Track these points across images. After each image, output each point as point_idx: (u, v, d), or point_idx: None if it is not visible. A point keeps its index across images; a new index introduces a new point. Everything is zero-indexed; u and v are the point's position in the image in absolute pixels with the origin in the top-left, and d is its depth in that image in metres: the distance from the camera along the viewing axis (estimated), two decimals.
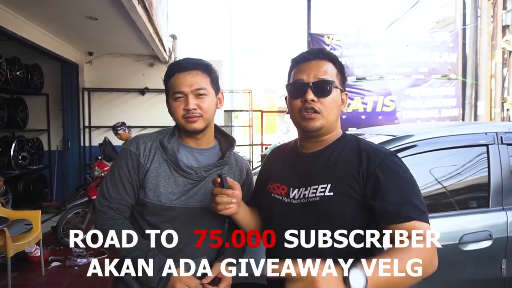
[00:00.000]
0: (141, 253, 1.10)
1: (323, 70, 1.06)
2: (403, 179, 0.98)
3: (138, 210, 1.21)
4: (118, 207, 1.17)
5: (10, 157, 5.22)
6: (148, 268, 1.09)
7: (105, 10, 4.10)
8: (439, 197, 2.12)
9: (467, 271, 1.95)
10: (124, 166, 1.19)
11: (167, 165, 1.19)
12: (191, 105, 1.17)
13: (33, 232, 3.44)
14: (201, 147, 1.26)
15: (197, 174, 1.19)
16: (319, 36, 5.95)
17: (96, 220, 1.19)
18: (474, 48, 6.33)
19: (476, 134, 2.16)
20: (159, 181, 1.17)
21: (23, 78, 5.41)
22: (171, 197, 1.17)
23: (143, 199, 1.18)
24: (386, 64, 5.92)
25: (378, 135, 2.36)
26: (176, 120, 1.20)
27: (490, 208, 2.03)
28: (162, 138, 1.22)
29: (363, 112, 5.92)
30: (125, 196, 1.18)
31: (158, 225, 1.17)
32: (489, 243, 1.94)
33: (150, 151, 1.20)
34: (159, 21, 5.23)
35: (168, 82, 1.21)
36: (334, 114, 1.07)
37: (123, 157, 1.20)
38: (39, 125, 6.36)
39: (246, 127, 8.56)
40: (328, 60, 1.08)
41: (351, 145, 1.07)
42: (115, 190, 1.18)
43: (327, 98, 1.04)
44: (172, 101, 1.19)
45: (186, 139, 1.25)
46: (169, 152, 1.19)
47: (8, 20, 4.01)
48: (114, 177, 1.19)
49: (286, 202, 1.08)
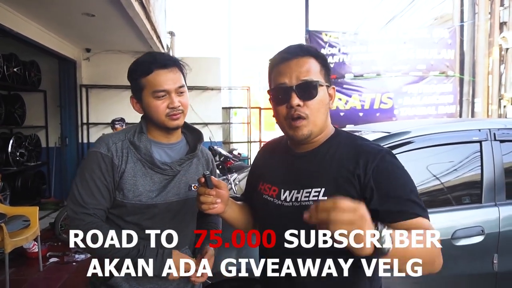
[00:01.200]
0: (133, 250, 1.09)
1: (306, 69, 0.97)
2: (401, 178, 0.95)
3: (115, 213, 1.18)
4: (95, 212, 1.13)
5: (8, 153, 5.22)
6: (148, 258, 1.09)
7: (102, 7, 4.09)
8: (433, 193, 2.14)
9: (459, 266, 1.98)
10: (97, 170, 1.14)
11: (141, 164, 1.18)
12: (177, 103, 1.17)
13: (31, 228, 3.46)
14: (171, 142, 1.26)
15: (172, 169, 1.20)
16: (317, 33, 5.96)
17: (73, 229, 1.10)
18: (471, 45, 6.35)
19: (470, 130, 2.18)
20: (137, 181, 1.16)
21: (20, 75, 5.40)
22: (151, 195, 1.17)
23: (121, 201, 1.15)
24: (383, 61, 5.94)
25: (375, 131, 2.38)
26: (157, 118, 1.18)
27: (483, 204, 2.06)
28: (131, 137, 1.20)
29: (361, 109, 5.94)
30: (102, 201, 1.14)
31: (140, 223, 1.17)
32: (481, 238, 1.96)
33: (123, 152, 1.17)
34: (156, 17, 5.23)
35: (143, 78, 1.17)
36: (322, 115, 1.00)
37: (94, 160, 1.15)
38: (37, 121, 6.36)
39: (244, 124, 8.55)
40: (309, 56, 1.00)
41: (346, 144, 1.02)
42: (89, 195, 1.13)
43: (314, 100, 0.97)
44: (152, 99, 1.16)
45: (157, 135, 1.24)
46: (143, 151, 1.18)
47: (5, 17, 4.00)
48: (86, 181, 1.14)
49: (277, 204, 1.04)
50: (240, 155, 7.16)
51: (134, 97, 1.22)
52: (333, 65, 5.89)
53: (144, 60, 1.19)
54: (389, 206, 0.90)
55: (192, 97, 7.30)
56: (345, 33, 5.99)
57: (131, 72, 1.21)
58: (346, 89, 5.91)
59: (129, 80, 1.22)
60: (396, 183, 0.93)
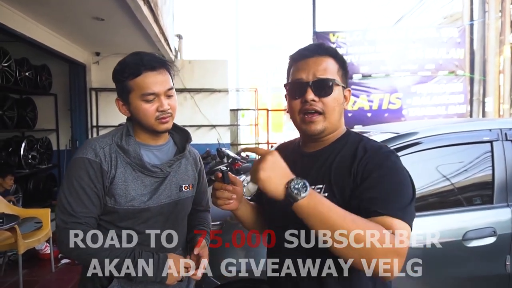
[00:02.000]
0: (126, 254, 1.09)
1: (323, 67, 1.00)
2: (390, 177, 0.93)
3: (107, 219, 1.15)
4: (86, 221, 1.09)
5: (20, 156, 5.30)
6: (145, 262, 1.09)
7: (111, 11, 4.15)
8: (443, 194, 2.12)
9: (471, 268, 1.96)
10: (85, 177, 1.09)
11: (131, 168, 1.14)
12: (166, 105, 1.14)
13: (43, 229, 3.51)
14: (158, 144, 1.24)
15: (162, 171, 1.18)
16: (324, 34, 5.94)
17: (62, 240, 1.07)
18: (481, 44, 6.26)
19: (480, 130, 2.16)
20: (128, 186, 1.13)
21: (31, 79, 5.48)
22: (143, 199, 1.14)
23: (113, 207, 1.12)
24: (392, 61, 5.89)
25: (383, 132, 2.37)
26: (146, 121, 1.14)
27: (494, 204, 2.03)
28: (118, 141, 1.16)
29: (369, 109, 5.90)
30: (92, 208, 1.10)
31: (134, 228, 1.15)
32: (493, 240, 1.94)
33: (111, 156, 1.13)
34: (164, 21, 5.27)
35: (131, 80, 1.12)
36: (336, 113, 1.02)
37: (81, 167, 1.10)
38: (48, 125, 6.45)
39: (252, 126, 8.56)
40: (328, 56, 1.02)
41: (352, 143, 1.03)
42: (79, 203, 1.08)
43: (329, 98, 0.99)
44: (141, 102, 1.12)
45: (144, 138, 1.21)
46: (132, 155, 1.14)
47: (17, 22, 4.08)
48: (75, 189, 1.08)
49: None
50: (248, 157, 7.16)
51: (121, 99, 1.18)
52: None
53: (130, 61, 1.14)
54: (363, 202, 0.90)
55: (199, 99, 7.39)
56: (353, 32, 5.95)
57: (116, 73, 1.16)
58: (354, 90, 5.87)
59: (114, 81, 1.18)
60: (379, 180, 0.92)
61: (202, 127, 7.35)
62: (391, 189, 0.91)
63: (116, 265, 1.07)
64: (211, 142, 7.20)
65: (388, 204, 0.88)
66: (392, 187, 0.91)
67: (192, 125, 7.30)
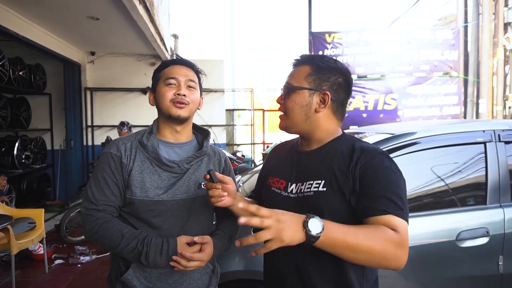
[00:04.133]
0: (137, 242, 1.13)
1: (292, 74, 1.13)
2: (386, 176, 0.99)
3: (126, 210, 1.22)
4: (105, 208, 1.18)
5: (13, 156, 5.27)
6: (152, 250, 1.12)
7: (106, 10, 4.13)
8: (437, 194, 2.13)
9: (464, 268, 1.97)
10: (107, 168, 1.20)
11: (149, 162, 1.21)
12: (183, 90, 1.23)
13: (37, 230, 3.48)
14: (180, 142, 1.30)
15: (180, 167, 1.23)
16: (320, 34, 5.95)
17: (84, 225, 1.18)
18: (475, 46, 6.32)
19: (474, 132, 2.17)
20: (144, 177, 1.19)
21: (26, 78, 5.45)
22: (158, 192, 1.19)
23: (130, 198, 1.19)
24: (387, 62, 5.92)
25: (379, 133, 2.38)
26: (162, 104, 1.23)
27: (488, 205, 2.04)
28: (140, 138, 1.25)
29: (364, 110, 5.93)
30: (112, 197, 1.19)
31: (149, 220, 1.19)
32: (486, 240, 1.95)
33: (131, 151, 1.22)
34: (160, 20, 5.26)
35: (161, 72, 1.27)
36: (296, 114, 1.10)
37: (105, 160, 1.21)
38: (42, 124, 6.41)
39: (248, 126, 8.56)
40: (303, 64, 1.12)
41: (347, 144, 1.09)
42: (100, 192, 1.18)
43: (287, 100, 1.11)
44: (163, 86, 1.24)
45: (166, 134, 1.28)
46: (150, 149, 1.22)
47: (11, 21, 4.05)
48: (98, 180, 1.20)
49: (284, 196, 1.13)
50: (244, 157, 7.17)
51: (153, 91, 1.29)
52: None
53: (166, 60, 1.34)
54: (364, 202, 0.97)
55: None
56: (349, 33, 5.96)
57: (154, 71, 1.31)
58: None
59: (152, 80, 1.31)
60: (378, 181, 0.98)
61: None
62: (390, 189, 0.97)
63: (129, 251, 1.13)
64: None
65: (388, 203, 0.94)
66: (391, 187, 0.98)
67: None
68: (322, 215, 1.01)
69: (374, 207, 0.95)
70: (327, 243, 0.85)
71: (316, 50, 5.91)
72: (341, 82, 1.10)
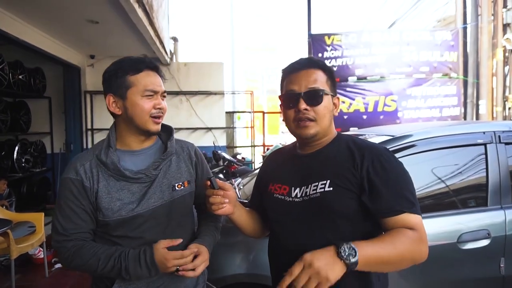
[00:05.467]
0: (115, 260, 1.10)
1: (313, 79, 1.10)
2: (395, 174, 1.03)
3: (103, 231, 1.17)
4: (77, 236, 1.13)
5: (13, 160, 5.26)
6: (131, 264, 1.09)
7: (105, 14, 4.14)
8: (437, 196, 2.12)
9: (465, 270, 1.96)
10: (70, 196, 1.13)
11: (114, 179, 1.15)
12: (162, 103, 1.17)
13: (37, 234, 3.48)
14: (144, 147, 1.23)
15: (147, 175, 1.17)
16: (319, 36, 5.96)
17: (59, 258, 1.15)
18: (475, 47, 6.33)
19: (474, 133, 2.17)
20: (113, 197, 1.13)
21: (25, 82, 5.45)
22: (131, 207, 1.14)
23: (103, 220, 1.14)
24: (387, 63, 5.93)
25: (378, 135, 2.37)
26: (140, 118, 1.15)
27: (488, 207, 2.04)
28: (99, 154, 1.16)
29: (364, 112, 5.93)
30: (82, 224, 1.14)
31: (128, 235, 1.15)
32: (488, 242, 1.94)
33: (92, 172, 1.14)
34: (160, 23, 5.26)
35: (132, 76, 1.15)
36: (327, 120, 1.11)
37: (66, 187, 1.14)
38: (42, 128, 6.40)
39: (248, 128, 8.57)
40: (317, 68, 1.12)
41: (346, 143, 1.12)
42: (68, 222, 1.13)
43: (319, 106, 1.09)
44: (140, 97, 1.14)
45: (130, 142, 1.20)
46: (111, 167, 1.14)
47: (10, 24, 4.05)
48: (63, 209, 1.13)
49: (289, 201, 1.11)
50: (244, 160, 7.15)
51: (115, 94, 1.16)
52: (336, 68, 5.88)
53: (131, 59, 1.19)
54: (381, 202, 1.00)
55: (195, 102, 7.38)
56: (348, 35, 5.97)
57: (115, 69, 1.17)
58: (349, 92, 5.90)
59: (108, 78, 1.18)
60: (389, 179, 1.02)
61: (198, 129, 7.33)
62: (402, 186, 1.02)
63: (109, 270, 1.10)
64: (207, 145, 7.18)
65: (402, 201, 0.99)
66: (402, 184, 1.02)
67: (188, 128, 7.28)
68: (332, 214, 1.03)
69: (390, 208, 0.99)
70: (363, 263, 0.88)
71: (315, 52, 5.91)
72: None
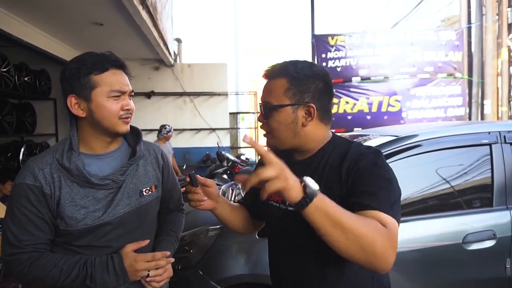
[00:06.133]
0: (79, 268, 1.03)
1: (268, 90, 1.04)
2: (374, 173, 0.96)
3: (64, 240, 1.07)
4: (33, 248, 1.02)
5: (19, 161, 5.30)
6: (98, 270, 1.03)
7: (110, 16, 4.16)
8: (442, 196, 2.12)
9: (471, 271, 1.95)
10: (26, 204, 1.01)
11: (79, 186, 1.05)
12: (130, 103, 1.10)
13: None
14: (110, 151, 1.14)
15: (114, 181, 1.09)
16: (323, 37, 5.96)
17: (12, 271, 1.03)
18: (479, 47, 6.29)
19: (479, 133, 2.16)
20: (77, 205, 1.04)
21: (31, 84, 5.49)
22: (97, 214, 1.06)
23: (66, 229, 1.03)
24: (391, 64, 5.91)
25: (382, 135, 2.37)
26: (108, 120, 1.06)
27: (494, 207, 2.02)
28: (60, 159, 1.05)
29: (368, 112, 5.92)
30: (40, 234, 1.03)
31: (93, 244, 1.07)
32: (493, 243, 1.93)
33: (53, 177, 1.03)
34: (163, 25, 5.29)
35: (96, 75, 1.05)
36: (282, 132, 1.03)
37: (22, 194, 1.01)
38: (47, 129, 6.45)
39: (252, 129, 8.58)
40: (278, 77, 1.02)
41: (340, 149, 1.05)
42: (23, 231, 1.01)
43: (270, 120, 1.03)
44: (107, 99, 1.05)
45: (95, 146, 1.11)
46: (75, 173, 1.04)
47: (15, 27, 4.09)
48: (17, 218, 1.01)
49: (283, 209, 1.08)
50: (248, 160, 7.16)
51: (77, 95, 1.06)
52: (340, 69, 5.88)
53: (93, 56, 1.07)
54: (351, 198, 0.93)
55: (199, 102, 7.40)
56: (352, 35, 5.96)
57: (76, 67, 1.05)
58: (353, 93, 5.90)
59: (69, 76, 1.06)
60: (368, 178, 0.95)
61: (202, 130, 7.36)
62: (381, 186, 0.93)
63: (72, 280, 1.02)
64: (211, 146, 7.20)
65: (379, 199, 0.90)
66: (382, 184, 0.94)
67: (191, 129, 7.30)
68: None
69: (361, 202, 0.90)
70: (319, 210, 0.80)
71: (319, 53, 5.92)
72: (322, 88, 1.02)
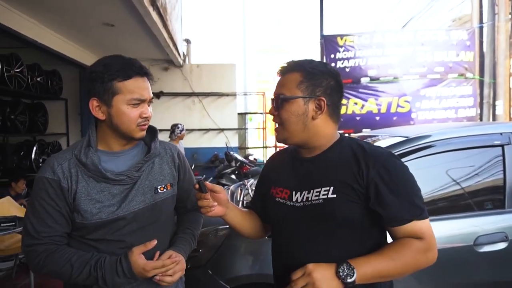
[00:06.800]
0: (90, 268, 1.06)
1: (282, 84, 1.09)
2: (402, 180, 1.01)
3: (80, 234, 1.11)
4: (50, 240, 1.07)
5: (31, 160, 5.40)
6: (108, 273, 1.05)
7: (121, 17, 4.21)
8: (453, 198, 2.10)
9: (482, 273, 1.93)
10: (45, 197, 1.07)
11: (94, 180, 1.09)
12: (150, 112, 1.13)
13: None
14: (127, 148, 1.18)
15: (129, 177, 1.12)
16: (332, 37, 5.94)
17: (29, 263, 1.08)
18: (491, 46, 6.19)
19: (492, 134, 2.13)
20: (92, 200, 1.08)
21: (43, 84, 5.58)
22: (112, 209, 1.09)
23: (81, 223, 1.08)
24: (400, 64, 5.86)
25: (392, 136, 2.36)
26: (127, 126, 1.10)
27: (506, 209, 2.00)
28: (78, 154, 1.10)
29: (377, 113, 5.87)
30: (56, 226, 1.08)
31: (106, 238, 1.10)
32: (505, 245, 1.91)
33: (71, 172, 1.08)
34: (173, 26, 5.33)
35: (119, 82, 1.07)
36: (294, 124, 1.06)
37: (41, 187, 1.07)
38: (58, 129, 6.55)
39: (260, 130, 8.58)
40: (292, 72, 1.07)
41: (349, 147, 1.07)
42: (41, 223, 1.07)
43: (281, 111, 1.06)
44: (127, 106, 1.08)
45: (113, 144, 1.15)
46: (91, 168, 1.09)
47: (29, 28, 4.16)
48: (36, 210, 1.07)
49: (289, 206, 1.09)
50: (256, 161, 7.18)
51: (100, 99, 1.09)
52: (349, 69, 5.85)
53: (119, 62, 1.10)
54: (391, 211, 0.98)
55: (207, 103, 7.44)
56: (361, 36, 5.93)
57: (100, 71, 1.08)
58: (362, 93, 5.86)
59: (94, 79, 1.08)
60: (397, 187, 0.99)
61: (210, 131, 7.39)
62: (410, 193, 1.00)
63: (84, 279, 1.06)
64: (219, 146, 7.23)
65: (411, 208, 0.99)
66: (410, 190, 1.00)
67: (200, 129, 7.34)
68: (334, 222, 1.01)
69: (400, 217, 0.99)
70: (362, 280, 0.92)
71: (328, 53, 5.89)
72: (333, 85, 1.07)
